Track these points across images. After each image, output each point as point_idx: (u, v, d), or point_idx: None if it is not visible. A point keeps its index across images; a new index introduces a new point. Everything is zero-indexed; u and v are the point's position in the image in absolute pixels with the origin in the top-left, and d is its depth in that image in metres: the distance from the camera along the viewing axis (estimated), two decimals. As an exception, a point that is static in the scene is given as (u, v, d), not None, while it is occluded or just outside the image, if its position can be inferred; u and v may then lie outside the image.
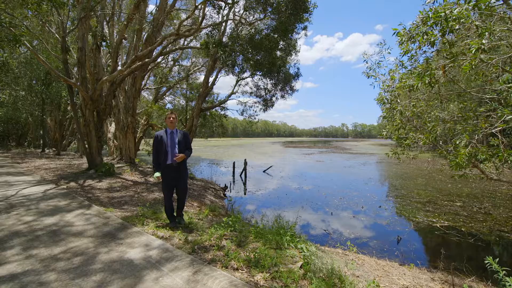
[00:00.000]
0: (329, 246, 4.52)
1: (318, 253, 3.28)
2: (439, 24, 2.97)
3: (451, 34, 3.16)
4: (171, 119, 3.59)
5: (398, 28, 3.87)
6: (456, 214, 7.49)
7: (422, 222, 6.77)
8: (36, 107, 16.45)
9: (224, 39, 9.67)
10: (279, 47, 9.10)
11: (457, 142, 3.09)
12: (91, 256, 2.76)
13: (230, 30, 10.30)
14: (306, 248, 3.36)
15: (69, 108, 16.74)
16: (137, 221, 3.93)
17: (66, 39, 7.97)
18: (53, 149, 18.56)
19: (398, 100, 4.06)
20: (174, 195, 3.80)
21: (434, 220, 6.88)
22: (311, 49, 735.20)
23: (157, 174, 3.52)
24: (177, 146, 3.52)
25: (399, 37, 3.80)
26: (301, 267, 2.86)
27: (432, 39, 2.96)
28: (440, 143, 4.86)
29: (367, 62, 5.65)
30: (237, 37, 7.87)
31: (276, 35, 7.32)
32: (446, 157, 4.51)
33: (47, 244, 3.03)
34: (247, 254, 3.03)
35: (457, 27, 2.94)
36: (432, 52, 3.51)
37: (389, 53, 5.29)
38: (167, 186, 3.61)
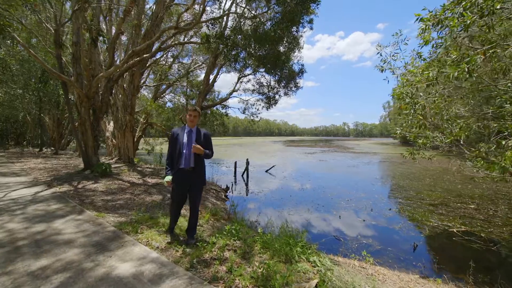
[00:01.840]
0: (342, 256, 4.12)
1: (335, 268, 2.89)
2: (477, 4, 2.56)
3: (488, 17, 2.75)
4: (192, 116, 3.01)
5: (422, 14, 3.46)
6: (471, 217, 7.06)
7: (437, 226, 6.35)
8: (33, 105, 16.11)
9: (225, 33, 9.26)
10: (283, 41, 8.67)
11: (503, 143, 2.67)
12: (75, 272, 2.39)
13: (232, 24, 9.90)
14: (319, 261, 2.97)
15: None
16: (131, 229, 3.56)
17: (63, 32, 7.58)
18: (52, 148, 18.26)
19: (421, 94, 3.64)
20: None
21: (449, 224, 6.46)
22: (312, 48, 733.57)
23: (168, 178, 2.99)
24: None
25: (423, 23, 3.39)
26: (316, 286, 2.48)
27: (468, 22, 2.55)
28: (461, 143, 4.44)
29: (381, 55, 5.22)
30: (240, 30, 7.45)
31: (283, 25, 6.87)
32: (469, 159, 4.09)
33: (25, 257, 2.66)
34: (254, 269, 2.64)
35: (498, 6, 2.53)
36: (464, 38, 3.09)
37: (406, 44, 4.86)
38: (177, 194, 3.10)
